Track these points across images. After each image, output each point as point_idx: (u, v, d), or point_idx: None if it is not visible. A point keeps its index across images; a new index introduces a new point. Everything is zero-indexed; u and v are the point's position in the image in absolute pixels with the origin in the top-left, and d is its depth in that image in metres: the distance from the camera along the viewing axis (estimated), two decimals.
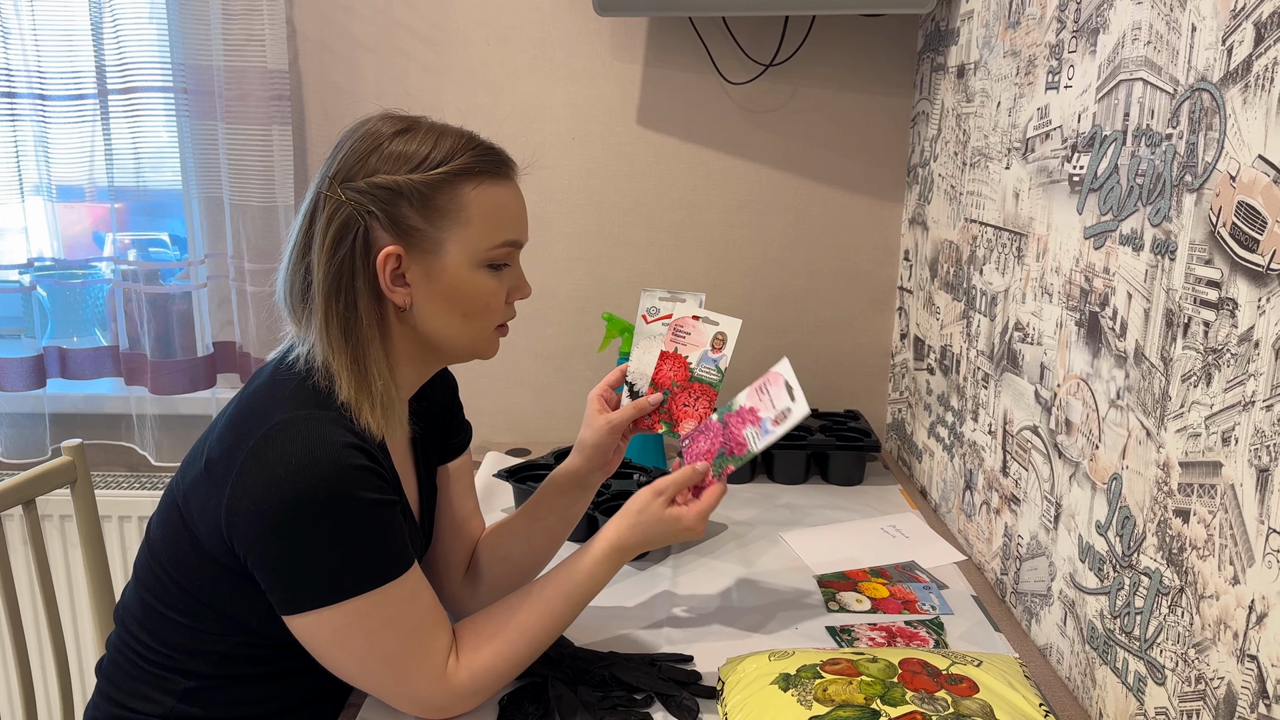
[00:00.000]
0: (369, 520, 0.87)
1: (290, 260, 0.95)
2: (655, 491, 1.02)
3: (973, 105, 1.42)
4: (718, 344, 1.10)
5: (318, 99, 1.80)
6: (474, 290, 0.95)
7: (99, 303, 1.91)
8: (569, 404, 1.91)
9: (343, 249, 0.90)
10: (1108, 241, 0.99)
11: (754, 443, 1.04)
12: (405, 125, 0.93)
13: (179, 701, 0.96)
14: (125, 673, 0.99)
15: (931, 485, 1.59)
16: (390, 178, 0.90)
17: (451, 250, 0.93)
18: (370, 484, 0.87)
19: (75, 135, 1.77)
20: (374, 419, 0.91)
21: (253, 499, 0.85)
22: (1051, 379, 1.12)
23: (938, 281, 1.58)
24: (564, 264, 1.85)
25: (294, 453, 0.85)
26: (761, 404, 1.06)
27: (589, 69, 1.77)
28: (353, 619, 0.88)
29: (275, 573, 0.87)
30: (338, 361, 0.91)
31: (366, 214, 0.90)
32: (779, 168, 1.80)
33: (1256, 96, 0.74)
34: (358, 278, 0.91)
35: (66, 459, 1.37)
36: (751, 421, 1.05)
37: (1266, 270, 0.73)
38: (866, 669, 0.93)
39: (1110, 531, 0.98)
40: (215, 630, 0.94)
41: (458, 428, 1.17)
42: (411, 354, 0.98)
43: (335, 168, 0.92)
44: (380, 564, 0.88)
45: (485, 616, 0.98)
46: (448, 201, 0.92)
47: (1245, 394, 0.75)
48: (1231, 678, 0.77)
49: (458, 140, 0.94)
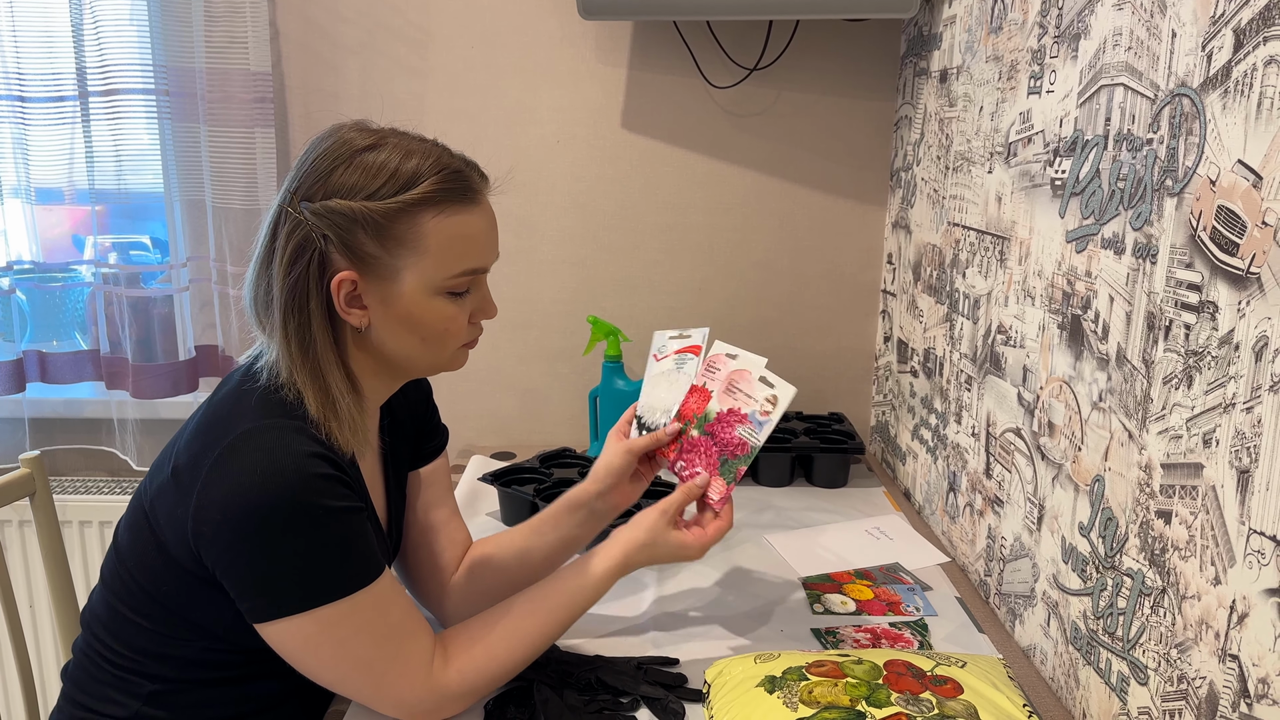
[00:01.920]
0: (335, 528, 0.86)
1: (255, 269, 0.93)
2: (661, 511, 1.02)
3: (955, 110, 1.43)
4: (766, 408, 1.05)
5: (301, 101, 1.79)
6: (432, 317, 0.93)
7: (79, 306, 1.89)
8: (554, 408, 1.91)
9: (298, 268, 0.89)
10: (1089, 245, 1.00)
11: (753, 437, 1.04)
12: (373, 141, 0.91)
13: (144, 705, 0.95)
14: (91, 676, 0.98)
15: (915, 487, 1.60)
16: (347, 204, 0.88)
17: (408, 278, 0.91)
18: (335, 492, 0.86)
19: (55, 137, 1.76)
20: (340, 435, 0.91)
21: (219, 508, 0.85)
22: (1034, 381, 1.13)
23: (921, 285, 1.59)
24: (549, 267, 1.85)
25: (259, 462, 0.84)
26: (739, 402, 1.06)
27: (574, 72, 1.77)
28: (323, 627, 0.87)
29: (243, 582, 0.87)
30: (300, 377, 0.90)
31: (323, 237, 0.88)
32: (763, 171, 1.81)
33: (1236, 102, 0.75)
34: (311, 298, 0.89)
35: (24, 471, 1.35)
36: (738, 421, 1.05)
37: (1246, 274, 0.74)
38: (852, 670, 0.93)
39: (1093, 533, 0.99)
40: (182, 635, 0.94)
41: (432, 432, 1.16)
42: (375, 369, 0.97)
43: (298, 182, 0.90)
44: (348, 571, 0.88)
45: (480, 619, 0.98)
46: (405, 231, 0.89)
47: (1226, 396, 0.76)
48: (1213, 677, 0.78)
49: (423, 162, 0.90)
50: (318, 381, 0.90)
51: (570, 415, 1.91)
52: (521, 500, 1.44)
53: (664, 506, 1.02)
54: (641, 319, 1.86)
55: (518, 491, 1.45)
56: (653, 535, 1.01)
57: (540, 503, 1.39)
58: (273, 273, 0.90)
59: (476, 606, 1.09)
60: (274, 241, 0.91)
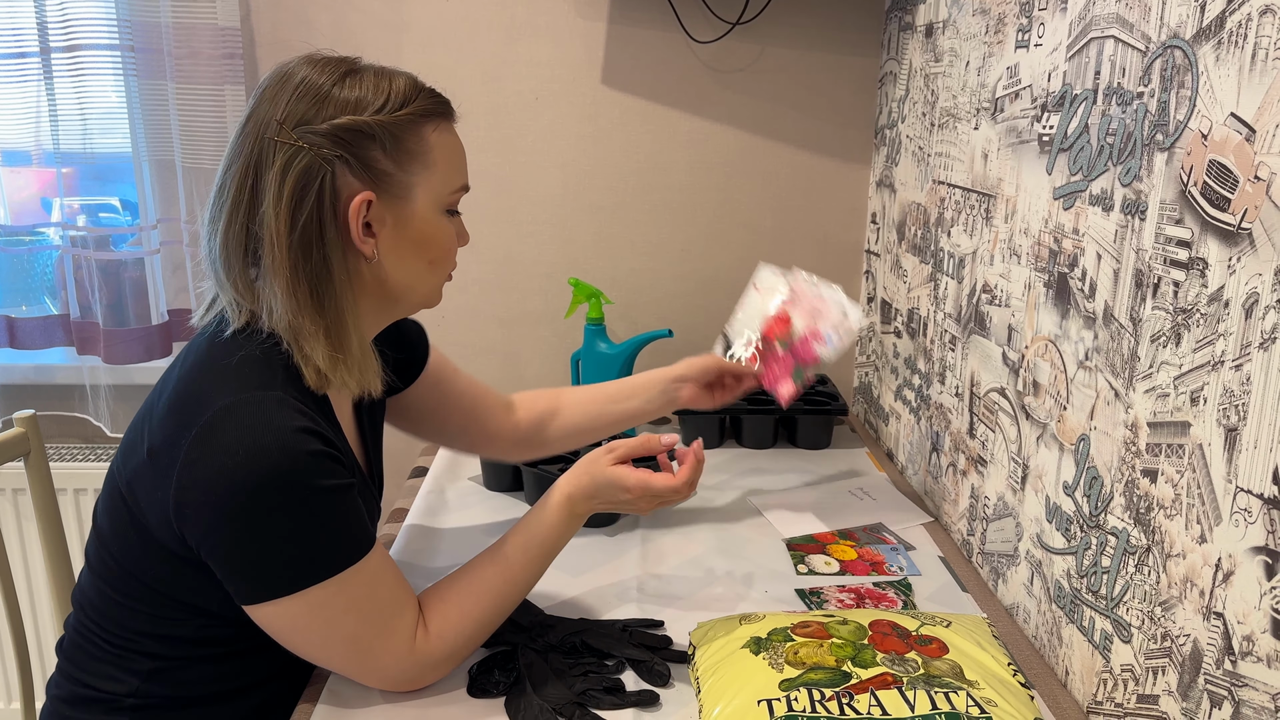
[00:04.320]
0: (324, 508, 0.84)
1: (223, 220, 0.88)
2: (606, 449, 1.03)
3: (941, 65, 1.40)
4: (840, 329, 1.26)
5: (271, 57, 1.74)
6: (441, 235, 0.95)
7: (48, 270, 1.85)
8: (535, 370, 1.89)
9: (308, 200, 0.85)
10: (1077, 202, 0.98)
11: (824, 351, 1.24)
12: (348, 68, 0.90)
13: (144, 681, 0.93)
14: (87, 654, 0.96)
15: (898, 448, 1.60)
16: (357, 119, 0.86)
17: (420, 195, 0.91)
18: (324, 469, 0.83)
19: (18, 96, 1.70)
20: (350, 379, 0.88)
21: (201, 490, 0.81)
22: (1019, 341, 1.12)
23: (905, 244, 1.57)
24: (528, 228, 1.82)
25: (241, 441, 0.80)
26: (819, 323, 1.26)
27: (552, 26, 1.73)
28: (312, 607, 0.86)
29: (229, 564, 0.84)
30: (310, 324, 0.86)
31: (334, 159, 0.85)
32: (746, 129, 1.78)
33: (1229, 53, 0.74)
34: (326, 229, 0.86)
35: (19, 430, 1.32)
36: (815, 339, 1.25)
37: (1237, 229, 0.73)
38: (837, 631, 0.93)
39: (1078, 492, 0.98)
40: (177, 616, 0.92)
41: (411, 345, 1.16)
42: (374, 307, 0.95)
43: (284, 113, 0.86)
44: (337, 551, 0.86)
45: (447, 582, 0.97)
46: (415, 144, 0.90)
47: (1214, 354, 0.75)
48: (1197, 634, 0.78)
49: (408, 81, 0.91)
50: (333, 325, 0.87)
51: (552, 379, 1.89)
52: (503, 465, 1.43)
53: (610, 445, 1.03)
54: (624, 281, 1.84)
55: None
56: (590, 465, 1.01)
57: (523, 467, 1.38)
58: (263, 216, 0.85)
59: (539, 451, 1.27)
60: (258, 181, 0.86)
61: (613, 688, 0.94)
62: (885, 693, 0.84)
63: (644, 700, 0.93)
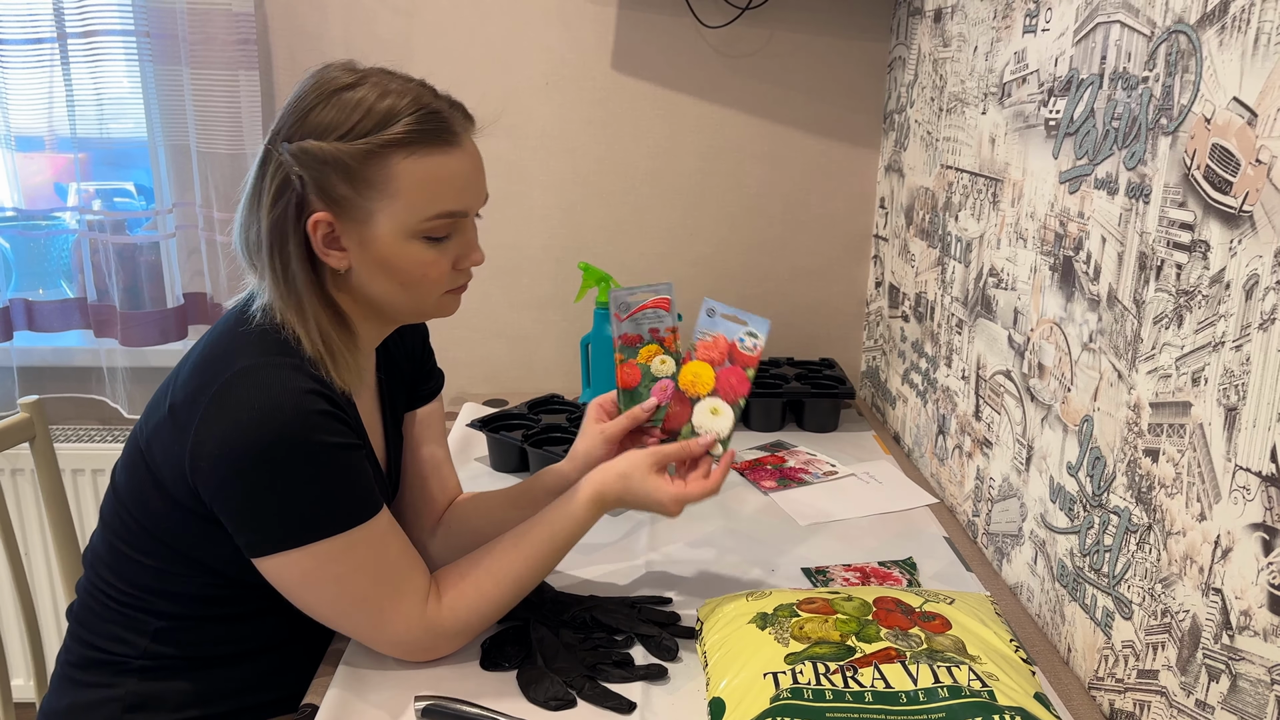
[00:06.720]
0: (332, 464, 0.87)
1: (244, 210, 0.93)
2: (649, 453, 1.02)
3: (949, 50, 1.41)
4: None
5: (285, 43, 1.76)
6: (407, 262, 0.92)
7: (64, 254, 1.87)
8: (545, 355, 1.91)
9: (279, 209, 0.89)
10: (1083, 186, 0.99)
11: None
12: (354, 80, 0.89)
13: (152, 641, 0.96)
14: (96, 615, 0.99)
15: (905, 431, 1.61)
16: (319, 145, 0.87)
17: (381, 221, 0.90)
18: (332, 428, 0.87)
19: (34, 81, 1.72)
20: (336, 374, 0.91)
21: (215, 444, 0.85)
22: (1025, 323, 1.14)
23: (913, 229, 1.58)
24: (539, 212, 1.83)
25: (256, 398, 0.85)
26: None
27: (562, 11, 1.74)
28: (321, 562, 0.88)
29: (240, 516, 0.88)
30: (289, 317, 0.91)
31: (299, 178, 0.88)
32: (755, 114, 1.79)
33: (1233, 38, 0.74)
34: (289, 240, 0.89)
35: (24, 415, 1.35)
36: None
37: (1239, 212, 0.74)
38: (842, 607, 0.95)
39: (1081, 472, 1.00)
40: (183, 572, 0.95)
41: (427, 375, 1.16)
42: (364, 313, 0.97)
43: (279, 122, 0.90)
44: (345, 508, 0.88)
45: (468, 561, 0.99)
46: (375, 173, 0.87)
47: (1216, 335, 0.77)
48: (1196, 610, 0.79)
49: (399, 101, 0.88)
50: (305, 322, 0.91)
51: (562, 362, 1.91)
52: (510, 446, 1.45)
53: (653, 450, 1.03)
54: (633, 265, 1.85)
55: (506, 437, 1.45)
56: (630, 470, 1.01)
57: (529, 448, 1.40)
58: (260, 214, 0.90)
59: (452, 557, 1.07)
60: (260, 182, 0.90)
61: (622, 661, 0.96)
62: (889, 666, 0.85)
63: (653, 674, 0.95)
